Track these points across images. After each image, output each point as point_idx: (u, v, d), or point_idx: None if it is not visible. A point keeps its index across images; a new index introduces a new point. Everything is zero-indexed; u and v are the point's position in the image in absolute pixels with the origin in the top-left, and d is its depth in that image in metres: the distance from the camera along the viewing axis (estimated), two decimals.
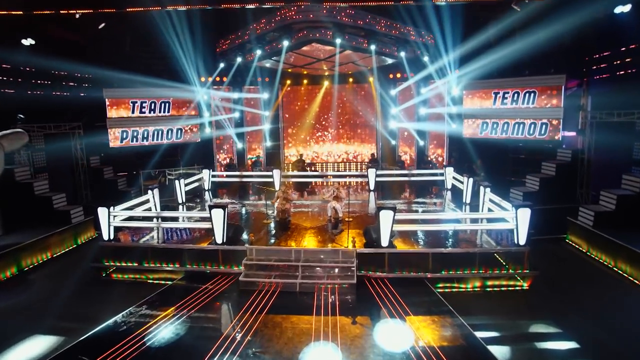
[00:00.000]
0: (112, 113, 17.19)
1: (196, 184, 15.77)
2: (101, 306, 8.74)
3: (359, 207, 13.16)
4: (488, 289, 9.16)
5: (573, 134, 16.06)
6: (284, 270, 9.02)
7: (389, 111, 19.68)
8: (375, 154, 20.09)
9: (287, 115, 20.62)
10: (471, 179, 13.38)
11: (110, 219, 10.04)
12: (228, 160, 19.29)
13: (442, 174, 16.17)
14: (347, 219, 11.37)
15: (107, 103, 17.01)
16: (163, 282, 9.69)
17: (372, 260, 9.15)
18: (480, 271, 9.08)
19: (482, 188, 11.70)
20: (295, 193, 16.06)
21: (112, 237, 10.16)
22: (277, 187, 16.12)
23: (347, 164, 20.77)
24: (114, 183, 16.35)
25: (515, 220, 9.15)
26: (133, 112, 17.62)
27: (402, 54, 14.88)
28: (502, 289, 9.15)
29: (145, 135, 17.97)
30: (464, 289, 9.16)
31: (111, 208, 10.05)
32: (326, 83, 19.85)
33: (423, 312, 7.89)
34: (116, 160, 17.40)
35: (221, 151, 19.78)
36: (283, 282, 8.69)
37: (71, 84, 16.56)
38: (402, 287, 8.80)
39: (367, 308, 7.99)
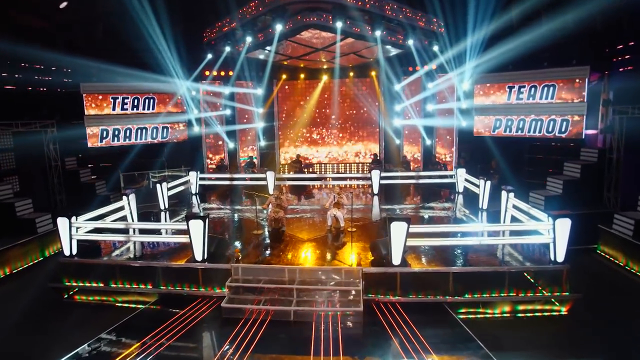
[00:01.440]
0: (90, 110, 15.70)
1: (182, 188, 14.26)
2: (58, 335, 7.38)
3: (362, 214, 11.66)
4: (519, 315, 7.68)
5: (593, 131, 14.62)
6: (275, 294, 7.53)
7: (393, 107, 18.21)
8: (378, 154, 18.62)
9: (282, 113, 19.12)
10: (489, 182, 11.91)
11: (72, 231, 8.52)
12: (218, 161, 17.75)
13: (453, 176, 14.70)
14: (349, 230, 9.89)
15: (85, 98, 15.53)
16: (133, 305, 8.18)
17: (381, 281, 7.67)
18: (511, 293, 7.60)
19: (504, 193, 10.23)
20: (290, 195, 14.59)
21: (74, 252, 8.64)
22: (270, 190, 14.63)
23: (348, 165, 19.28)
24: (91, 187, 14.83)
25: (553, 233, 7.67)
26: (114, 108, 16.12)
27: (410, 41, 13.39)
28: (537, 314, 7.67)
29: (128, 134, 16.46)
30: (490, 315, 7.67)
31: (73, 218, 8.53)
32: (325, 77, 18.36)
33: (446, 348, 6.44)
34: (95, 161, 15.87)
35: (211, 151, 18.25)
36: (274, 310, 7.20)
37: (44, 77, 15.00)
38: (417, 313, 7.34)
39: (377, 345, 6.51)
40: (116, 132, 16.24)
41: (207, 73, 16.37)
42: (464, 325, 7.18)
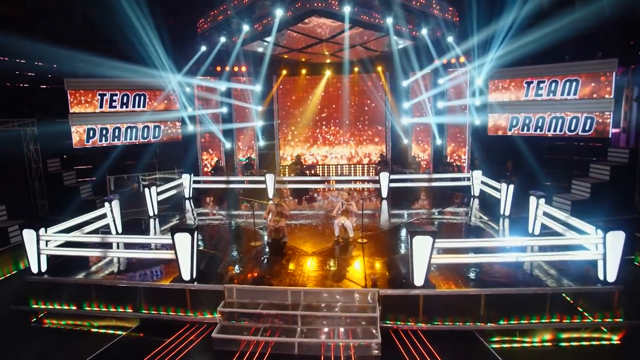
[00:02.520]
0: (75, 107, 14.54)
1: (174, 192, 13.09)
2: None
3: (371, 220, 10.48)
4: (563, 344, 6.52)
5: (615, 130, 13.47)
6: (276, 321, 6.38)
7: (401, 105, 17.07)
8: (385, 155, 17.47)
9: (283, 110, 17.96)
10: (511, 186, 10.76)
11: (41, 245, 7.36)
12: (214, 162, 16.59)
13: (468, 179, 13.54)
14: (359, 241, 8.75)
15: (69, 95, 14.37)
16: (111, 332, 7.02)
17: (401, 305, 6.52)
18: (553, 319, 6.45)
19: (533, 199, 9.08)
20: (290, 198, 13.45)
21: (43, 269, 7.47)
22: (270, 195, 13.49)
23: (353, 166, 18.12)
24: (76, 190, 13.70)
25: (603, 248, 6.53)
26: (101, 106, 14.97)
27: (424, 31, 12.24)
28: (583, 343, 6.52)
29: (117, 134, 15.32)
30: (529, 345, 6.52)
31: (42, 230, 7.36)
32: (328, 73, 17.20)
33: None
34: (81, 163, 14.70)
35: (207, 152, 17.09)
36: (275, 341, 6.04)
37: (23, 72, 13.83)
38: (444, 343, 6.21)
39: None
40: (104, 132, 15.09)
41: (201, 67, 15.19)
42: (499, 357, 6.06)
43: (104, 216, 9.45)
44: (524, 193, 10.66)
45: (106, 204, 9.44)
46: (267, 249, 8.52)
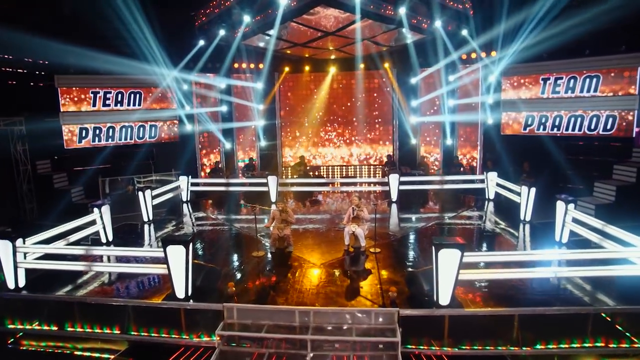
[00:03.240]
0: (67, 106, 13.78)
1: (170, 195, 12.31)
2: None
3: (382, 226, 9.69)
4: None
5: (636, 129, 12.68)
6: (282, 346, 5.60)
7: (409, 103, 16.30)
8: (393, 155, 16.70)
9: (285, 109, 17.18)
10: (533, 189, 9.98)
11: (18, 258, 6.59)
12: (214, 163, 15.81)
13: (482, 181, 12.76)
14: (372, 250, 7.98)
15: (60, 93, 13.61)
16: (97, 355, 6.26)
17: (424, 327, 5.74)
18: (598, 344, 5.68)
19: (561, 204, 8.31)
20: (294, 202, 12.68)
21: (21, 284, 6.70)
22: (273, 198, 12.72)
23: (358, 167, 17.34)
24: (66, 194, 12.92)
25: None
26: (94, 104, 14.21)
27: (438, 23, 11.45)
28: None
29: (111, 134, 14.56)
30: None
31: (19, 241, 6.59)
32: (332, 69, 16.42)
33: None
34: (72, 164, 13.92)
35: (205, 153, 16.30)
36: None
37: (10, 68, 13.05)
38: None
39: None
40: (97, 131, 14.34)
41: (199, 63, 14.41)
42: None
43: (93, 223, 8.70)
44: (543, 196, 9.94)
45: (95, 209, 8.67)
46: (270, 260, 7.74)
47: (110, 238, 8.98)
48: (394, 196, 12.49)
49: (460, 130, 15.89)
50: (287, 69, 16.34)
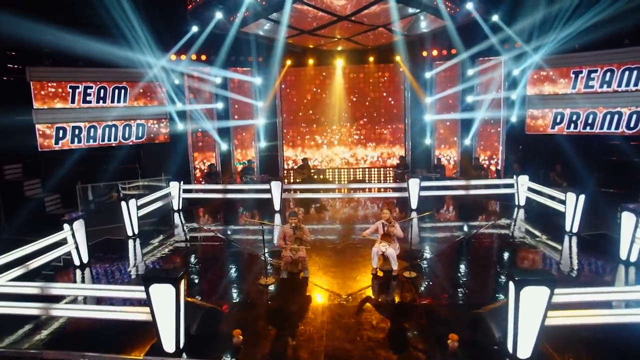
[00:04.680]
0: (41, 102, 12.13)
1: (160, 204, 10.76)
2: None
3: (408, 240, 8.23)
4: None
5: None
6: None
7: (423, 100, 14.89)
8: (405, 157, 15.28)
9: (287, 106, 15.67)
10: (582, 196, 8.61)
11: None
12: (208, 167, 14.23)
13: (510, 185, 11.38)
14: (406, 275, 6.52)
15: (33, 87, 11.96)
16: None
17: None
18: None
19: (628, 216, 6.95)
20: (302, 210, 11.18)
21: None
22: (276, 206, 11.23)
23: (367, 170, 15.89)
24: (40, 203, 11.29)
25: None
26: (73, 100, 12.58)
27: (470, 5, 10.04)
28: None
29: (92, 134, 12.94)
30: None
31: None
32: (339, 63, 14.96)
33: None
34: (48, 169, 12.25)
35: (199, 155, 14.71)
36: None
37: None
38: None
39: None
40: (76, 131, 12.70)
41: (192, 54, 12.85)
42: None
43: (63, 242, 7.13)
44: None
45: (65, 225, 7.09)
46: (282, 290, 6.22)
47: (86, 259, 7.41)
48: (414, 203, 11.08)
49: (480, 130, 14.49)
50: (288, 62, 14.83)
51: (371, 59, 14.91)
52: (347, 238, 8.76)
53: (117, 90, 13.04)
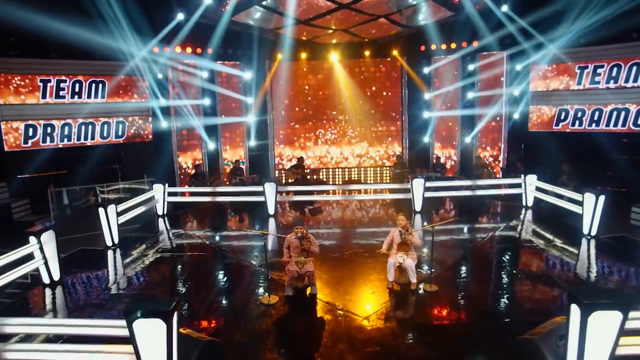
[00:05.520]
0: (7, 96, 10.97)
1: (142, 209, 9.77)
2: None
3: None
4: None
5: None
6: None
7: (421, 96, 14.27)
8: (402, 155, 14.62)
9: (278, 103, 14.81)
10: (602, 197, 8.07)
11: None
12: (195, 167, 13.25)
13: (519, 185, 10.82)
14: (427, 289, 5.80)
15: None
16: None
17: None
18: None
19: None
20: (296, 214, 10.38)
21: None
22: (270, 210, 10.39)
23: (364, 170, 15.17)
24: (6, 209, 10.14)
25: None
26: (44, 96, 11.46)
27: None
28: None
29: (66, 133, 11.84)
30: None
31: None
32: (334, 57, 14.18)
33: None
34: (15, 171, 11.09)
35: (184, 154, 13.71)
36: None
37: None
38: None
39: None
40: (49, 130, 11.60)
41: (177, 45, 11.86)
42: None
43: (30, 258, 6.14)
44: None
45: (32, 238, 6.10)
46: (289, 311, 5.39)
47: (57, 276, 6.43)
48: (418, 205, 10.41)
49: (481, 127, 13.93)
50: (280, 56, 13.97)
51: (367, 52, 14.19)
52: (351, 245, 8.01)
53: (93, 85, 11.95)
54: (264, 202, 10.46)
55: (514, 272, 6.66)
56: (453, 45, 13.32)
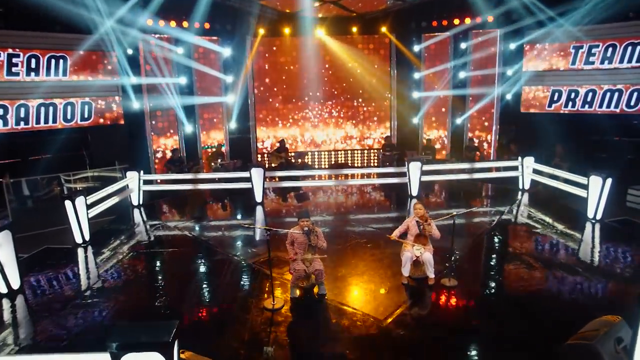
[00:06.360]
0: None
1: (116, 200, 8.78)
2: None
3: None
4: None
5: None
6: None
7: (411, 75, 13.67)
8: (391, 137, 14.05)
9: (260, 82, 13.83)
10: (609, 180, 7.80)
11: None
12: (172, 152, 12.18)
13: (515, 168, 10.49)
14: (447, 284, 5.29)
15: None
16: None
17: None
18: None
19: None
20: (278, 199, 9.71)
21: None
22: (257, 197, 9.63)
23: (351, 152, 14.52)
24: None
25: None
26: None
27: None
28: None
29: (23, 115, 10.47)
30: None
31: None
32: (319, 33, 13.26)
33: None
34: None
35: (160, 138, 12.59)
36: None
37: None
38: None
39: None
40: (1, 112, 10.19)
41: (149, 17, 10.63)
42: None
43: None
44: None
45: None
46: (297, 317, 4.72)
47: (16, 284, 5.47)
48: (415, 190, 9.92)
49: (471, 108, 13.51)
50: (262, 31, 12.93)
51: (355, 29, 13.36)
52: (350, 234, 7.42)
53: (53, 60, 10.57)
54: (249, 189, 9.70)
55: (533, 261, 6.21)
56: (445, 23, 12.72)
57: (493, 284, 5.37)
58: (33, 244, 7.10)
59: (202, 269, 6.31)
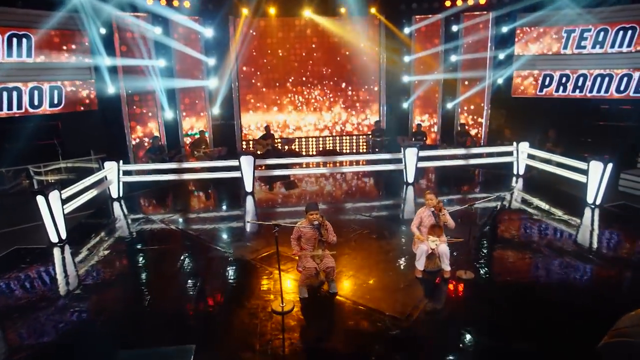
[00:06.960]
0: None
1: (93, 193, 8.05)
2: None
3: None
4: None
5: None
6: None
7: (401, 59, 13.27)
8: (380, 122, 13.68)
9: (244, 65, 13.12)
10: (610, 165, 7.72)
11: None
12: (151, 140, 11.39)
13: (510, 153, 10.35)
14: (463, 276, 5.00)
15: None
16: None
17: None
18: None
19: None
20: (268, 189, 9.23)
21: None
22: (248, 187, 9.11)
23: (340, 138, 14.08)
24: None
25: None
26: None
27: None
28: None
29: None
30: None
31: None
32: (306, 13, 12.61)
33: None
34: None
35: (138, 125, 11.77)
36: None
37: None
38: None
39: None
40: None
41: None
42: None
43: None
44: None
45: None
46: (310, 320, 4.31)
47: None
48: (411, 177, 9.63)
49: (463, 92, 13.26)
50: (245, 12, 12.17)
51: (343, 10, 12.77)
52: (351, 224, 7.05)
53: (15, 39, 9.56)
54: (237, 178, 9.16)
55: (543, 247, 6.00)
56: (436, 5, 12.34)
57: (512, 278, 5.10)
58: (1, 244, 6.38)
59: (196, 267, 5.78)
